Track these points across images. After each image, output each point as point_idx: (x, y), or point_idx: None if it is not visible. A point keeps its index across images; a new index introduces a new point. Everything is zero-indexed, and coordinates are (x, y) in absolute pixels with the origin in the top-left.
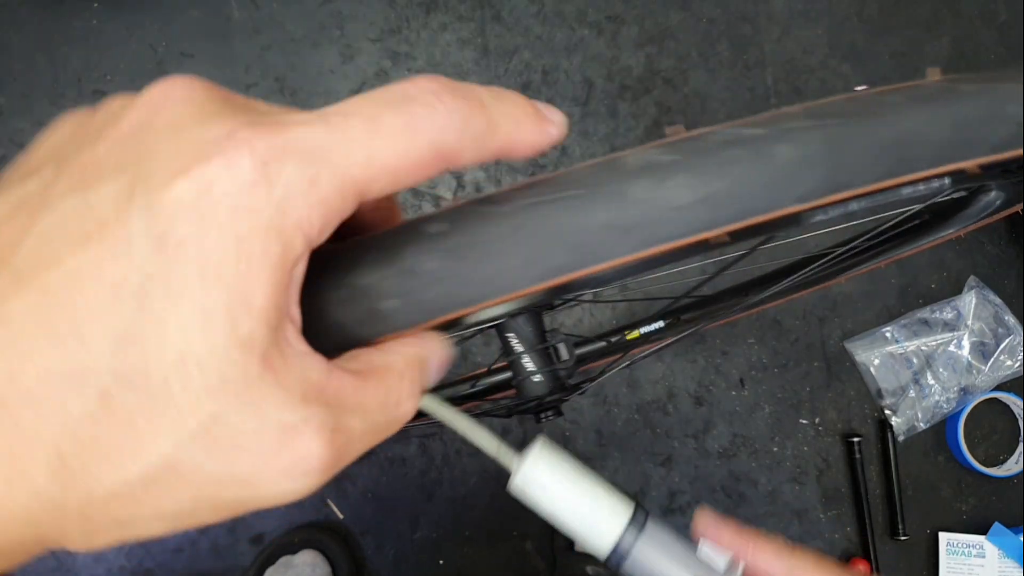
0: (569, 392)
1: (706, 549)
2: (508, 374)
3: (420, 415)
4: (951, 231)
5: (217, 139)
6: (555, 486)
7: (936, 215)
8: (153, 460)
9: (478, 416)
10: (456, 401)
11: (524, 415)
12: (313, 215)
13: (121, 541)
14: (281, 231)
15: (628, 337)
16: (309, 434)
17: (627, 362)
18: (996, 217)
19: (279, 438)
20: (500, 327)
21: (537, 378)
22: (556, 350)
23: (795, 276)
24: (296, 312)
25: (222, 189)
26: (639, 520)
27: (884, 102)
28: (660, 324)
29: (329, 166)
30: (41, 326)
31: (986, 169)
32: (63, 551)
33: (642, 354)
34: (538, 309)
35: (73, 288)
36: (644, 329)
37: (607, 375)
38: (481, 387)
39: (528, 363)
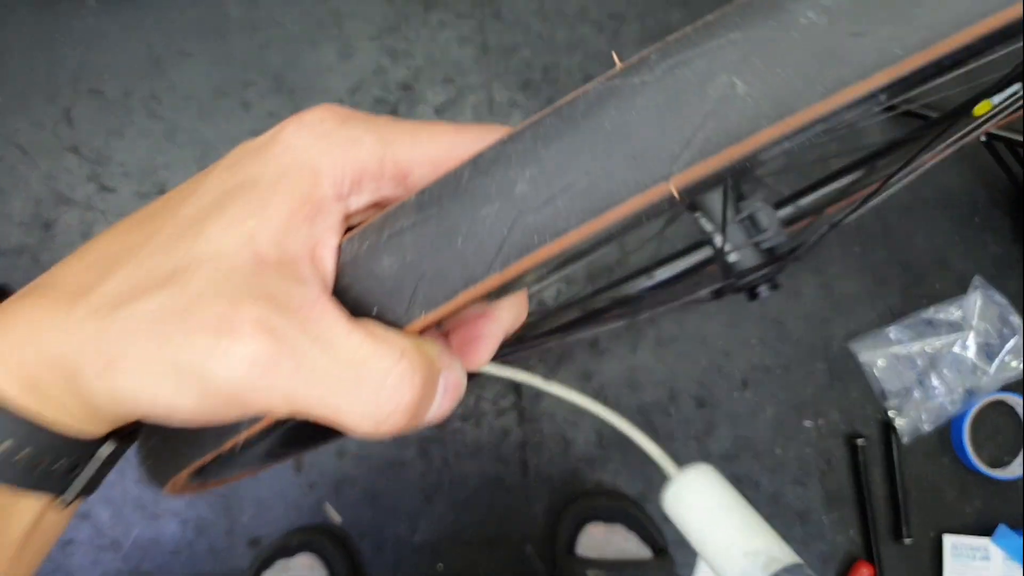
0: (779, 262)
1: None
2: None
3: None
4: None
5: (304, 114)
6: (715, 508)
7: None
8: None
9: (678, 304)
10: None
11: (736, 293)
12: (354, 166)
13: (113, 391)
14: (325, 171)
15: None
16: (250, 320)
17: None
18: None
19: (224, 311)
20: (686, 205)
21: (735, 256)
22: (754, 219)
23: None
24: (328, 266)
25: (290, 140)
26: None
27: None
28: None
29: (375, 136)
30: None
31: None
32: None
33: (859, 201)
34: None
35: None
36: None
37: (828, 232)
38: (670, 274)
39: (719, 240)
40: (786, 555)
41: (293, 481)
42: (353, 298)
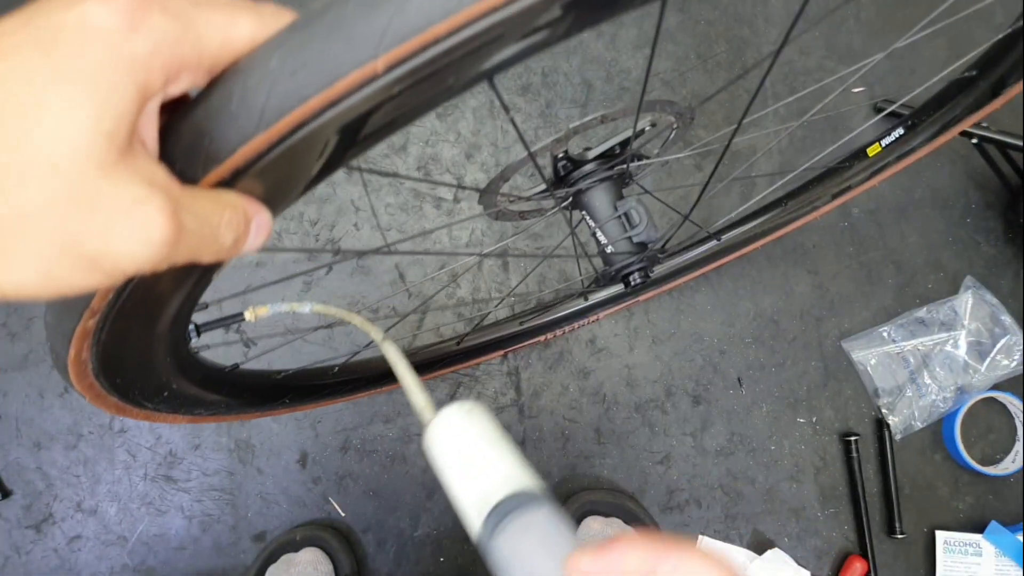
0: (651, 253)
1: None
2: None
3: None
4: None
5: None
6: (457, 449)
7: None
8: (25, 199)
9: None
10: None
11: (613, 283)
12: (171, 64)
13: (5, 282)
14: (145, 66)
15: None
16: (155, 206)
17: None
18: None
19: (131, 203)
20: (573, 203)
21: (610, 248)
22: (628, 216)
23: None
24: (153, 138)
25: (103, 24)
26: (525, 499)
27: None
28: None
29: (190, 30)
30: None
31: None
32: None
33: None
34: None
35: None
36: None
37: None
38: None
39: (600, 236)
40: (518, 484)
41: (297, 477)
42: (170, 165)
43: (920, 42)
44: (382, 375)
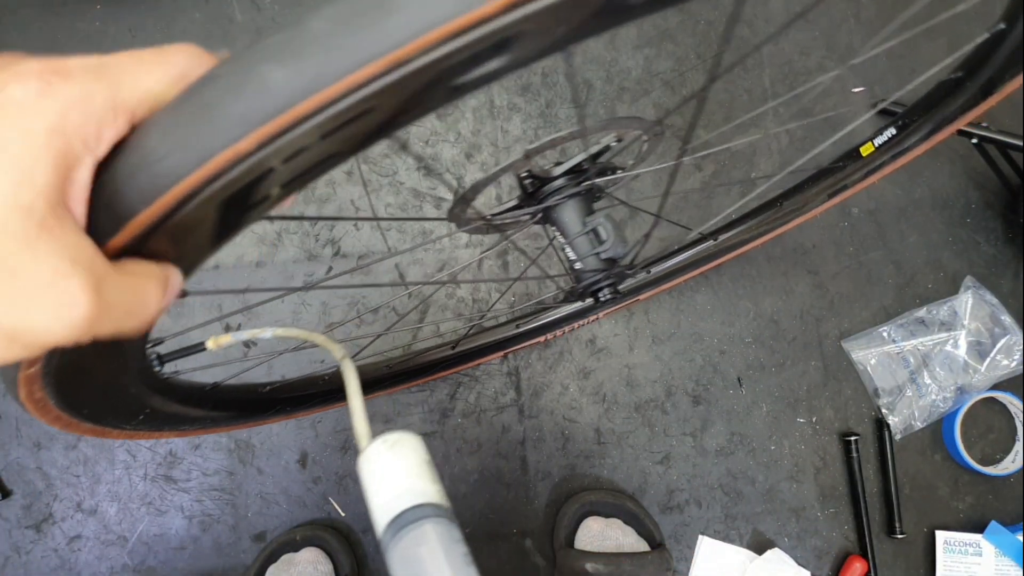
0: (619, 270)
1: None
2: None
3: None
4: None
5: (14, 68)
6: (378, 471)
7: None
8: None
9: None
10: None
11: (583, 298)
12: (88, 124)
13: None
14: (62, 131)
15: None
16: (77, 281)
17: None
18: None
19: (52, 276)
20: (543, 218)
21: (579, 264)
22: (596, 232)
23: None
24: (80, 210)
25: (14, 96)
26: (426, 512)
27: None
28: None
29: (101, 86)
30: None
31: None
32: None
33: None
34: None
35: None
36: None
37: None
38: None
39: (569, 252)
40: (422, 498)
41: (297, 477)
42: (94, 227)
43: (920, 42)
44: (375, 381)
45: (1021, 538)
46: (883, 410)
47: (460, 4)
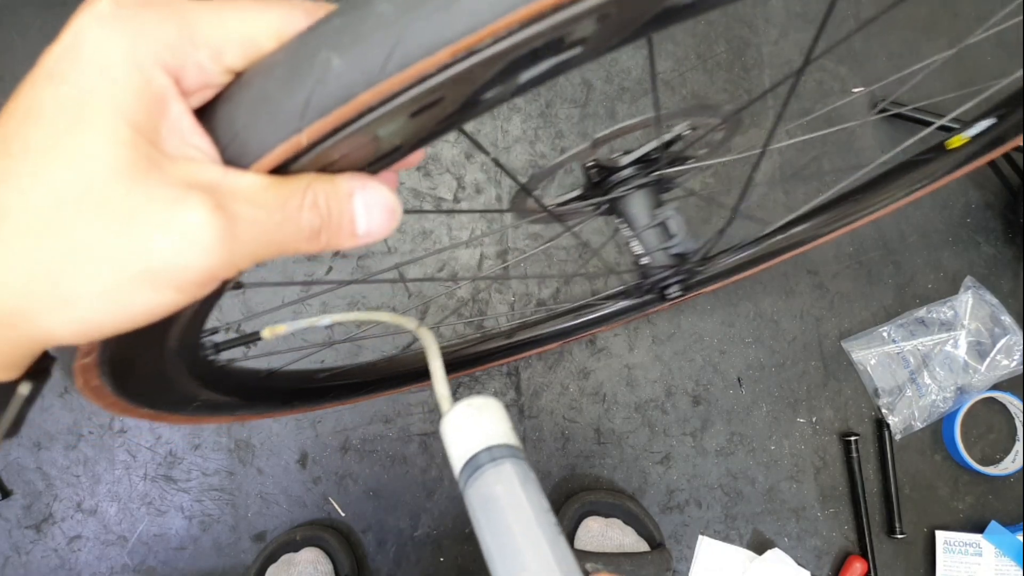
0: (690, 267)
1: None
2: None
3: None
4: None
5: (87, 6)
6: (463, 428)
7: None
8: (65, 237)
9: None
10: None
11: (648, 295)
12: (168, 54)
13: (76, 323)
14: (139, 63)
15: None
16: (191, 204)
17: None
18: None
19: (165, 207)
20: (608, 209)
21: (646, 259)
22: (666, 226)
23: None
24: (189, 134)
25: (84, 28)
26: (500, 453)
27: None
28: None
29: (180, 15)
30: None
31: None
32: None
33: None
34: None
35: (7, 126)
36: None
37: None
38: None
39: (637, 246)
40: (495, 440)
41: (297, 477)
42: (236, 151)
43: (920, 43)
44: (426, 371)
45: (1021, 538)
46: (883, 410)
47: None
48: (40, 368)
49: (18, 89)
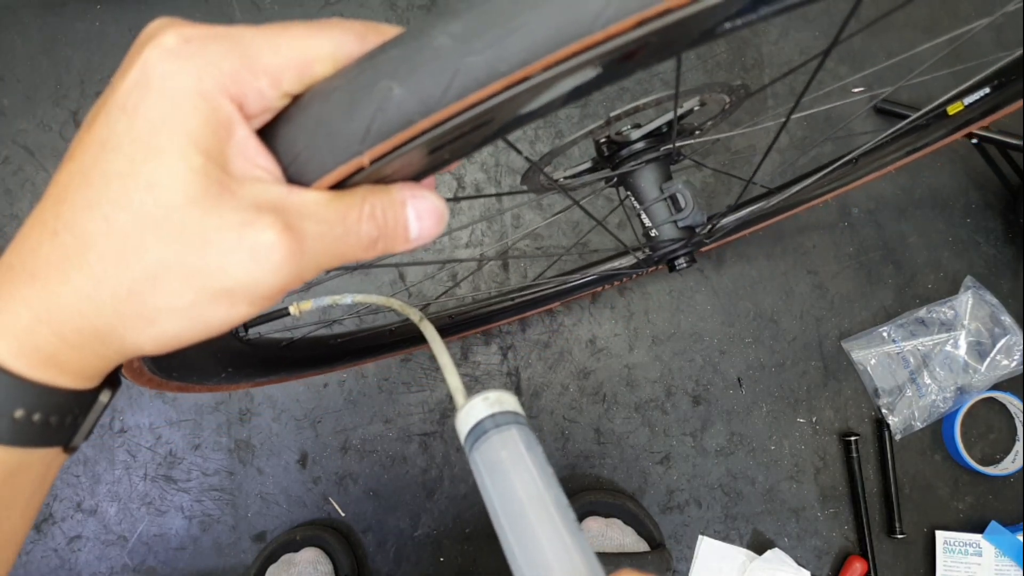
0: (698, 239)
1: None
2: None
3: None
4: None
5: (152, 39)
6: (476, 407)
7: None
8: (147, 260)
9: (608, 277)
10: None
11: (657, 265)
12: (230, 83)
13: (160, 338)
14: (206, 94)
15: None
16: (261, 225)
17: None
18: None
19: (237, 230)
20: (617, 181)
21: (655, 232)
22: (675, 199)
23: None
24: (255, 157)
25: (153, 62)
26: (504, 419)
27: None
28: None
29: (240, 45)
30: (80, 182)
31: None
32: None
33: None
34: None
35: (86, 156)
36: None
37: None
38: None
39: (644, 219)
40: (499, 407)
41: (297, 477)
42: (298, 170)
43: (921, 43)
44: (440, 331)
45: (1021, 538)
46: (883, 410)
47: (575, 26)
48: (115, 377)
49: (89, 120)
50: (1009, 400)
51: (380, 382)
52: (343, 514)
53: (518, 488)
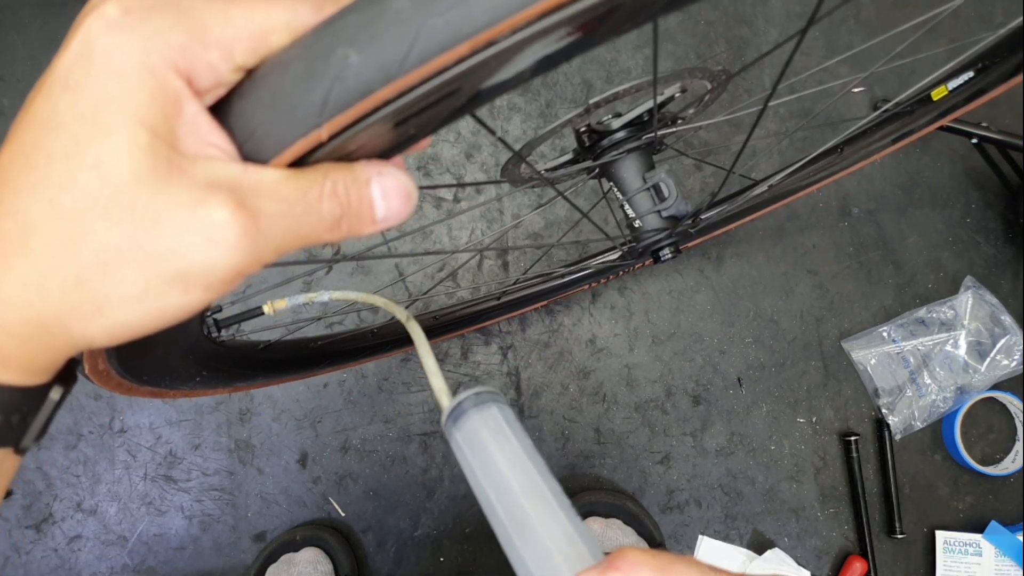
0: (683, 229)
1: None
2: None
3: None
4: None
5: (93, 9)
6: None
7: None
8: (96, 244)
9: (594, 274)
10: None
11: (641, 257)
12: (178, 56)
13: (112, 328)
14: (152, 68)
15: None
16: (213, 203)
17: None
18: None
19: (188, 209)
20: (599, 172)
21: (638, 223)
22: (658, 189)
23: None
24: (207, 134)
25: (95, 35)
26: (484, 398)
27: None
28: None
29: (189, 16)
30: (26, 165)
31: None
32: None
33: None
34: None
35: (28, 136)
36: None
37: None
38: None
39: (628, 209)
40: (480, 389)
41: (297, 477)
42: (254, 147)
43: (921, 42)
44: (407, 338)
45: (1021, 538)
46: (883, 410)
47: None
48: (68, 373)
49: (30, 99)
50: (1009, 400)
51: (380, 382)
52: (343, 514)
53: (499, 460)
